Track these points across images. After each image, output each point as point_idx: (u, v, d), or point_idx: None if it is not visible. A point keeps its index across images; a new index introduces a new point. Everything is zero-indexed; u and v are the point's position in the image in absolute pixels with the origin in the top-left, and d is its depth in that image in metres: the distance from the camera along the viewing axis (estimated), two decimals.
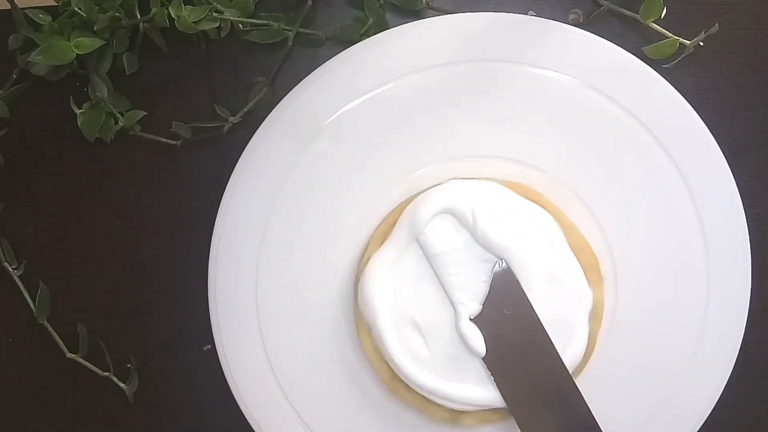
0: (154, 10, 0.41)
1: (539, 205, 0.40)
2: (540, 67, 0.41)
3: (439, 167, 0.41)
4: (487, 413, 0.40)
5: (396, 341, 0.38)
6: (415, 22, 0.41)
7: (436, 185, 0.41)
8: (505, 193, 0.39)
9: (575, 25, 0.43)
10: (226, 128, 0.43)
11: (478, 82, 0.41)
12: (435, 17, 0.41)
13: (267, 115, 0.41)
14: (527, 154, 0.41)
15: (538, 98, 0.41)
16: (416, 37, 0.41)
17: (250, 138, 0.41)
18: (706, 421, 0.40)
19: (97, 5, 0.41)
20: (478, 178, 0.41)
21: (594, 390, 0.40)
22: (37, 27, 0.42)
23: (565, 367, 0.38)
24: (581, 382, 0.39)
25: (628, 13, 0.43)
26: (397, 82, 0.41)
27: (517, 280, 0.38)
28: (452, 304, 0.38)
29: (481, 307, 0.38)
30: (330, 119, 0.41)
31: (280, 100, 0.41)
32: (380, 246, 0.40)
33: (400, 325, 0.39)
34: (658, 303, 0.41)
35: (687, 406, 0.41)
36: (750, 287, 0.40)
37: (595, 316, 0.40)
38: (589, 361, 0.40)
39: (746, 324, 0.40)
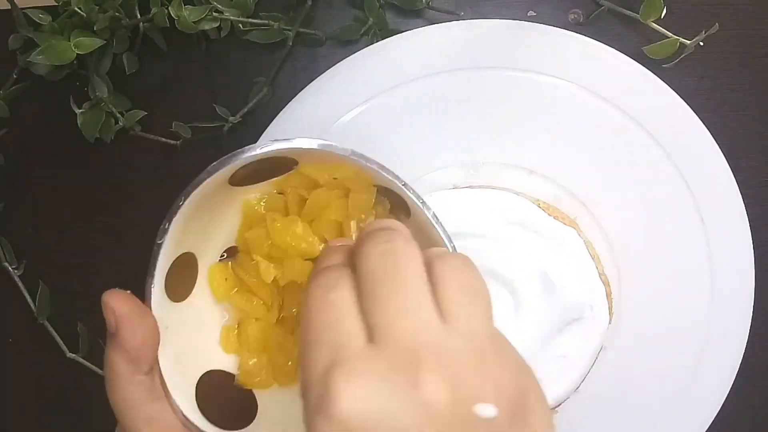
0: (154, 10, 0.41)
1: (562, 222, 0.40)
2: (539, 73, 0.41)
3: (440, 174, 0.41)
4: None
5: None
6: (420, 29, 0.41)
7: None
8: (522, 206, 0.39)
9: (575, 25, 0.43)
10: (226, 128, 0.43)
11: (481, 89, 0.41)
12: (436, 24, 0.41)
13: (267, 115, 0.41)
14: (529, 160, 0.41)
15: (538, 104, 0.41)
16: (419, 43, 0.41)
17: (251, 138, 0.41)
18: (711, 424, 0.40)
19: (97, 5, 0.41)
20: (485, 187, 0.41)
21: (599, 395, 0.40)
22: (37, 27, 0.42)
23: None
24: (585, 389, 0.40)
25: (628, 13, 0.43)
26: (401, 88, 0.41)
27: None
28: None
29: None
30: (335, 124, 0.41)
31: (280, 100, 0.41)
32: None
33: None
34: (661, 304, 0.41)
35: (692, 410, 0.40)
36: (753, 287, 0.40)
37: None
38: (594, 368, 0.40)
39: (750, 324, 0.40)
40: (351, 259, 0.23)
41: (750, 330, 0.40)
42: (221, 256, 0.33)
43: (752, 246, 0.41)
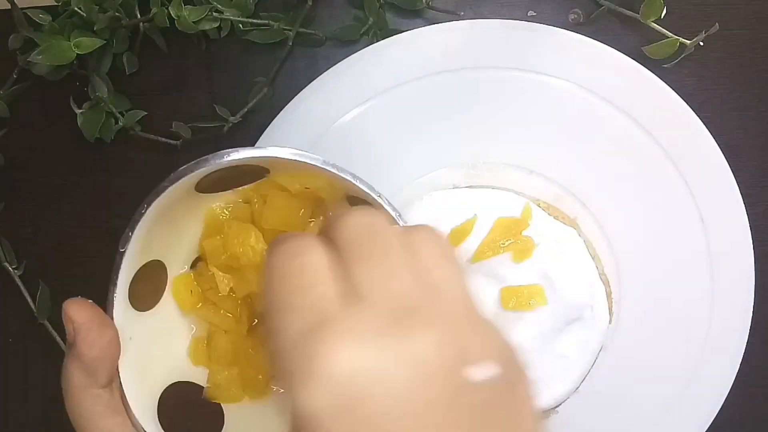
0: (154, 10, 0.41)
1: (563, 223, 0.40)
2: (539, 73, 0.41)
3: (441, 174, 0.41)
4: None
5: None
6: (420, 29, 0.41)
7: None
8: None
9: (575, 25, 0.43)
10: (226, 128, 0.43)
11: (481, 89, 0.41)
12: (436, 24, 0.41)
13: (267, 115, 0.41)
14: (528, 160, 0.41)
15: (538, 104, 0.41)
16: (419, 43, 0.41)
17: (251, 138, 0.41)
18: (711, 424, 0.40)
19: (97, 5, 0.41)
20: (485, 187, 0.41)
21: (599, 395, 0.40)
22: (37, 27, 0.42)
23: None
24: (585, 389, 0.40)
25: (628, 13, 0.43)
26: (401, 88, 0.41)
27: None
28: None
29: None
30: (335, 124, 0.41)
31: (280, 100, 0.41)
32: None
33: None
34: (661, 304, 0.41)
35: (692, 409, 0.40)
36: (753, 287, 0.40)
37: None
38: (594, 368, 0.40)
39: (750, 324, 0.40)
40: (319, 233, 0.23)
41: (750, 330, 0.40)
42: (190, 266, 0.32)
43: (752, 246, 0.41)
